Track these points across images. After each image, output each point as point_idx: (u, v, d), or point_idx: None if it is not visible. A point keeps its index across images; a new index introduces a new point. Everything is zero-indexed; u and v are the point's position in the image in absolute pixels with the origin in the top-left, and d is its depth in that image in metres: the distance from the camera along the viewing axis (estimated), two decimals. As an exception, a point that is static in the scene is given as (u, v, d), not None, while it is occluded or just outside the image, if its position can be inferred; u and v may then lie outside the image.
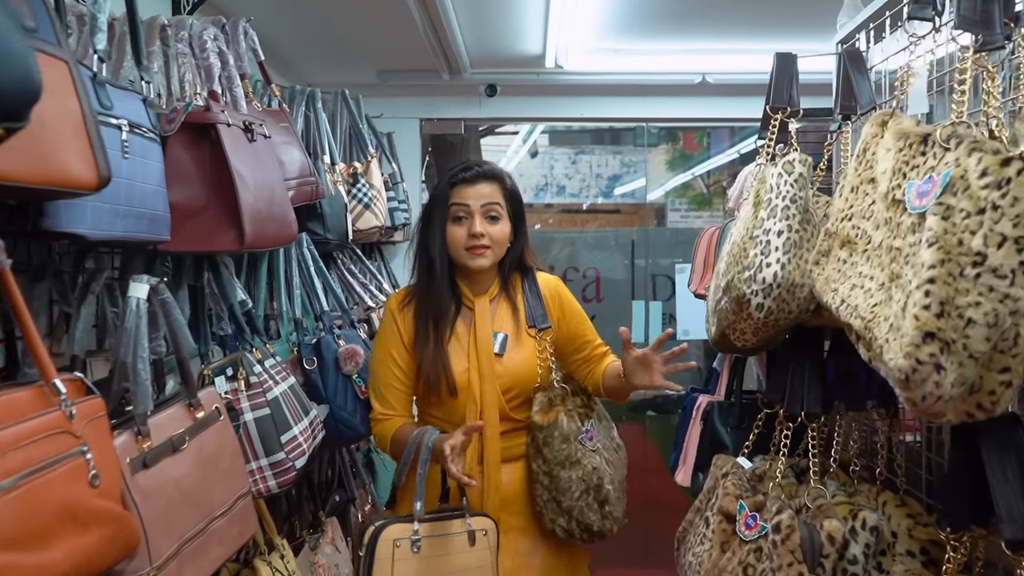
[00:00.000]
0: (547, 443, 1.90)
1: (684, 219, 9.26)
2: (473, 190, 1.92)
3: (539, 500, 1.95)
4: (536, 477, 1.94)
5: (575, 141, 10.92)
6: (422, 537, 1.69)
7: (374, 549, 1.67)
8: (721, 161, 7.98)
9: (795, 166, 1.57)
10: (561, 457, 1.90)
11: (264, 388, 1.57)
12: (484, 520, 1.79)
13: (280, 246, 1.73)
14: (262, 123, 1.68)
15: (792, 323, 1.58)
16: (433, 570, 1.70)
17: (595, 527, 1.93)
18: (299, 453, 1.60)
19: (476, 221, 1.90)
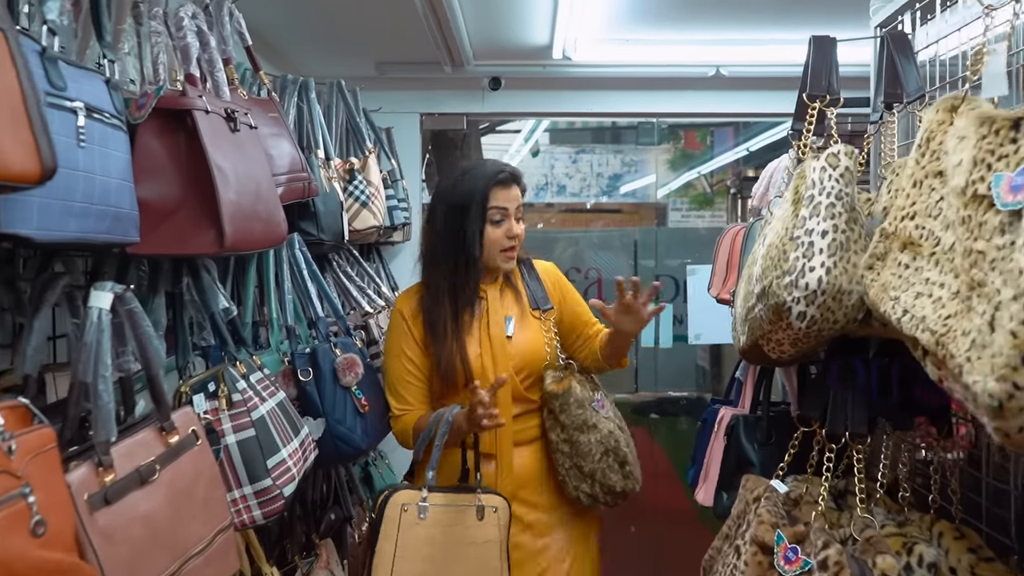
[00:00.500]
0: (564, 409, 2.00)
1: (685, 219, 9.14)
2: (510, 193, 2.01)
3: (560, 469, 2.04)
4: (556, 447, 2.03)
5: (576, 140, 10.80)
6: (430, 505, 1.78)
7: (383, 511, 1.76)
8: (725, 160, 7.84)
9: (840, 159, 1.41)
10: (579, 422, 2.00)
11: (249, 407, 1.41)
12: (495, 498, 1.85)
13: (268, 248, 1.57)
14: (247, 112, 1.52)
15: (836, 334, 1.42)
16: (439, 538, 1.77)
17: (618, 487, 2.04)
18: (288, 479, 1.44)
19: (514, 224, 2.01)
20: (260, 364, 1.63)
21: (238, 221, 1.30)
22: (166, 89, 1.25)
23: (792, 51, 3.05)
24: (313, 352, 1.81)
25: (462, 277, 1.99)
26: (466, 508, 1.81)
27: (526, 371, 2.04)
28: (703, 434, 2.32)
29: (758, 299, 1.51)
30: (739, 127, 7.31)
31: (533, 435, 2.07)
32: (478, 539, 1.80)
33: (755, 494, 1.66)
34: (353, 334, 2.06)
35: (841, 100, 1.63)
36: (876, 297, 1.23)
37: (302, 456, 1.54)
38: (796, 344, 1.47)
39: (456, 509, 1.80)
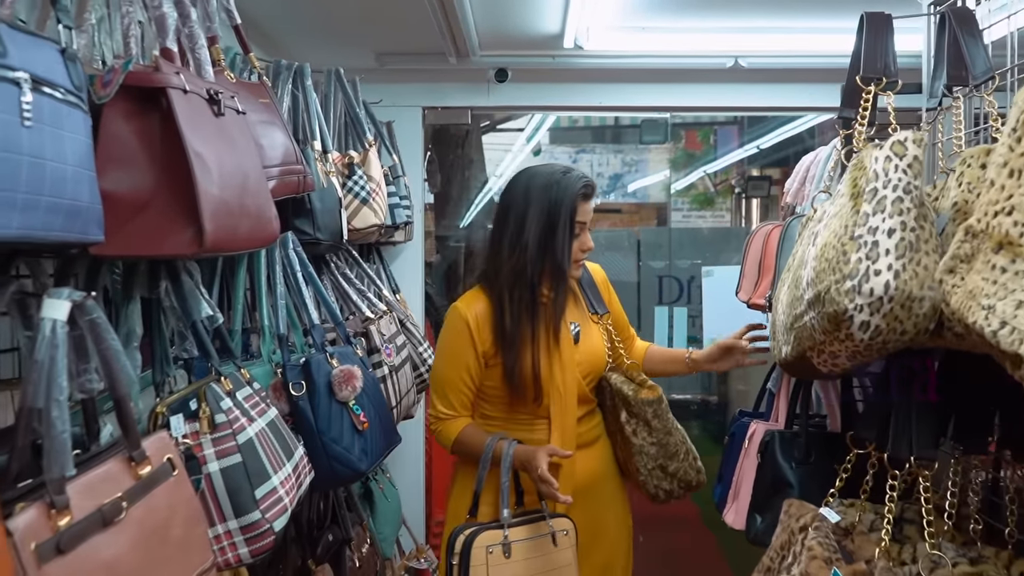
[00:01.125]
0: (658, 415, 2.09)
1: (687, 219, 9.00)
2: (590, 205, 2.05)
3: (643, 471, 2.11)
4: (640, 450, 2.10)
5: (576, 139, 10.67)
6: (511, 542, 1.83)
7: (468, 556, 1.80)
8: (730, 160, 7.70)
9: (908, 147, 1.24)
10: (669, 425, 2.11)
11: (235, 428, 1.24)
12: (563, 521, 1.92)
13: (257, 248, 1.40)
14: (234, 96, 1.34)
15: (901, 346, 1.25)
16: (524, 572, 1.83)
17: (693, 481, 2.16)
18: (279, 511, 1.26)
19: (587, 237, 2.06)
20: (249, 378, 1.45)
21: (221, 217, 1.12)
22: (136, 64, 1.08)
23: (816, 40, 2.90)
24: (307, 363, 1.63)
25: (547, 292, 2.03)
26: (542, 537, 1.88)
27: (591, 375, 2.12)
28: (731, 449, 2.15)
29: (810, 306, 1.34)
30: (743, 126, 7.16)
31: (595, 435, 2.16)
32: (558, 564, 1.88)
33: (801, 522, 1.49)
34: (353, 342, 1.89)
35: (899, 83, 1.46)
36: (961, 306, 1.06)
37: (296, 483, 1.37)
38: (854, 357, 1.30)
39: (535, 541, 1.87)
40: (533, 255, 1.97)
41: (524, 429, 2.05)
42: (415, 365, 2.37)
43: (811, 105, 3.28)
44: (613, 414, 2.14)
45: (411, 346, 2.35)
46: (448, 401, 2.05)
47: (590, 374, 2.11)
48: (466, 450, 2.03)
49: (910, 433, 1.32)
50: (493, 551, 1.81)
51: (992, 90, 1.38)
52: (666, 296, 5.18)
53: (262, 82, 1.63)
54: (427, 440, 3.61)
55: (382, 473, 2.61)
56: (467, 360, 2.01)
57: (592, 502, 2.10)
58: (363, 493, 2.47)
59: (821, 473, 1.73)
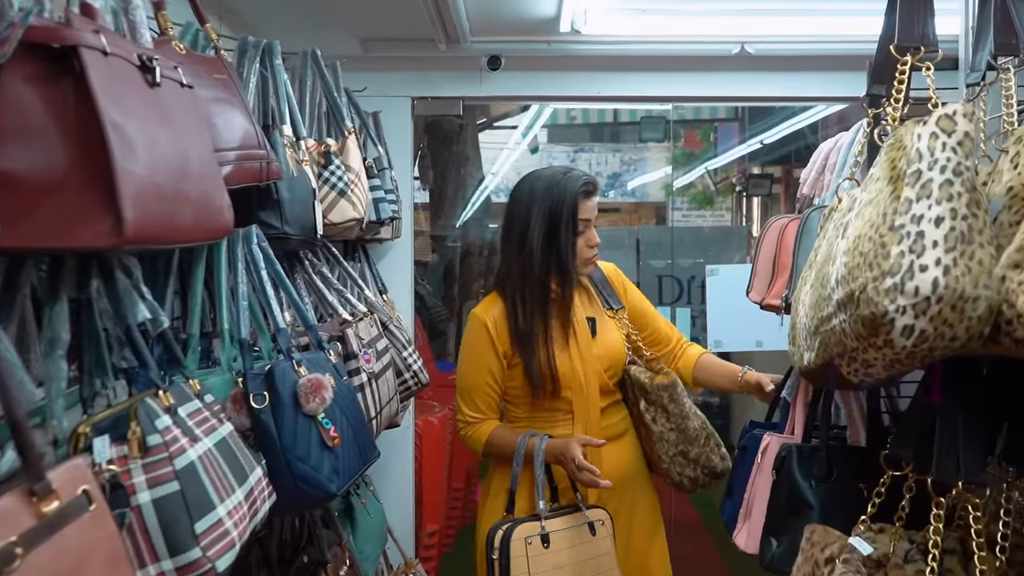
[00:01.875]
0: (674, 399, 2.10)
1: (686, 218, 8.86)
2: (593, 202, 2.10)
3: (665, 458, 2.13)
4: (661, 437, 2.12)
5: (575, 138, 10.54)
6: (549, 532, 1.89)
7: (508, 549, 1.86)
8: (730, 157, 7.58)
9: (957, 122, 1.06)
10: (686, 410, 2.12)
11: (172, 451, 1.06)
12: (599, 511, 2.00)
13: (205, 241, 1.22)
14: (178, 66, 1.16)
15: (950, 354, 1.07)
16: (565, 561, 1.89)
17: (718, 468, 2.15)
18: (224, 547, 1.08)
19: (594, 233, 2.10)
20: (200, 390, 1.27)
21: (148, 203, 0.94)
22: (39, 18, 0.90)
23: (829, 23, 2.72)
24: (270, 372, 1.45)
25: (555, 290, 2.09)
26: (579, 527, 1.94)
27: (611, 370, 2.16)
28: (742, 462, 1.97)
29: (840, 308, 1.17)
30: (744, 123, 7.00)
31: (622, 429, 2.20)
32: (597, 552, 1.94)
33: (827, 553, 1.32)
34: (327, 347, 1.71)
35: (940, 54, 1.29)
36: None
37: (248, 511, 1.19)
38: (892, 367, 1.12)
39: (573, 530, 1.94)
40: (539, 255, 2.04)
41: (547, 425, 2.12)
42: (399, 371, 2.19)
43: (824, 95, 3.10)
44: (634, 404, 2.20)
45: (394, 351, 2.17)
46: (475, 405, 2.13)
47: (611, 367, 2.16)
48: (497, 451, 2.11)
49: (957, 453, 1.14)
50: (532, 542, 1.88)
51: (1048, 59, 1.21)
52: (667, 296, 5.02)
53: (219, 56, 1.45)
54: (416, 448, 3.44)
55: (365, 486, 2.43)
56: (489, 363, 2.10)
57: (622, 496, 2.14)
58: (344, 509, 2.29)
59: (844, 492, 1.56)
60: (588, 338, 2.13)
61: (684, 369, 2.28)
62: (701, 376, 2.27)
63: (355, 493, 2.33)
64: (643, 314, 2.31)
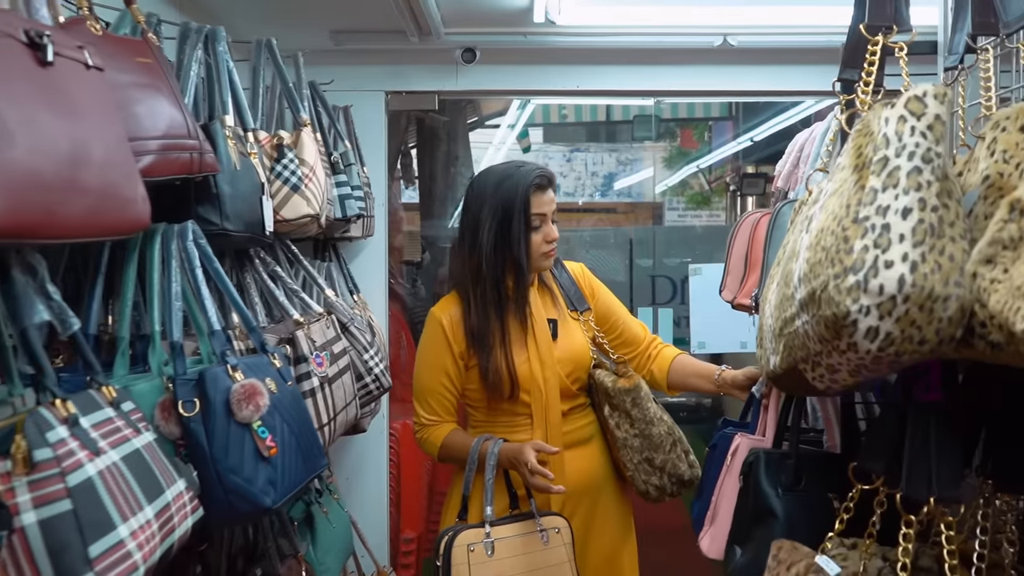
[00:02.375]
0: (637, 404, 2.00)
1: (683, 218, 8.78)
2: (548, 196, 2.01)
3: (629, 465, 2.04)
4: (625, 443, 2.03)
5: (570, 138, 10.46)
6: (495, 539, 1.80)
7: (449, 556, 1.77)
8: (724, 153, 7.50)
9: (928, 104, 0.97)
10: (650, 415, 2.01)
11: (65, 467, 0.96)
12: (555, 519, 1.90)
13: (110, 236, 1.12)
14: (84, 46, 1.07)
15: (920, 358, 0.98)
16: (510, 570, 1.79)
17: (686, 476, 2.04)
18: (125, 570, 0.98)
19: (552, 228, 2.02)
20: (115, 397, 1.18)
21: (26, 192, 0.85)
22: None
23: (814, 13, 2.62)
24: (201, 377, 1.36)
25: (511, 288, 2.01)
26: (530, 535, 1.85)
27: (573, 374, 2.07)
28: (712, 462, 1.88)
29: (802, 308, 1.07)
30: (738, 121, 6.91)
31: (587, 435, 2.11)
32: (550, 562, 1.84)
33: (793, 572, 1.22)
34: (272, 350, 1.62)
35: (914, 33, 1.19)
36: (1004, 307, 0.79)
37: (160, 530, 1.09)
38: (858, 372, 1.03)
39: (522, 538, 1.84)
40: (490, 254, 1.97)
41: (507, 429, 2.04)
42: (359, 375, 2.09)
43: (809, 89, 3.00)
44: (600, 409, 2.12)
45: (354, 353, 2.08)
46: (430, 407, 2.06)
47: (573, 371, 2.08)
48: (453, 455, 2.03)
49: (929, 467, 1.05)
50: (475, 549, 1.79)
51: (1028, 39, 1.11)
52: (660, 296, 4.94)
53: (145, 39, 1.36)
54: (393, 453, 3.35)
55: (328, 494, 2.33)
56: (445, 364, 2.03)
57: (586, 502, 2.06)
58: (304, 518, 2.19)
59: (812, 502, 1.46)
60: (548, 340, 2.05)
61: (658, 372, 2.18)
62: (676, 379, 2.15)
63: (316, 502, 2.23)
64: (612, 315, 2.21)
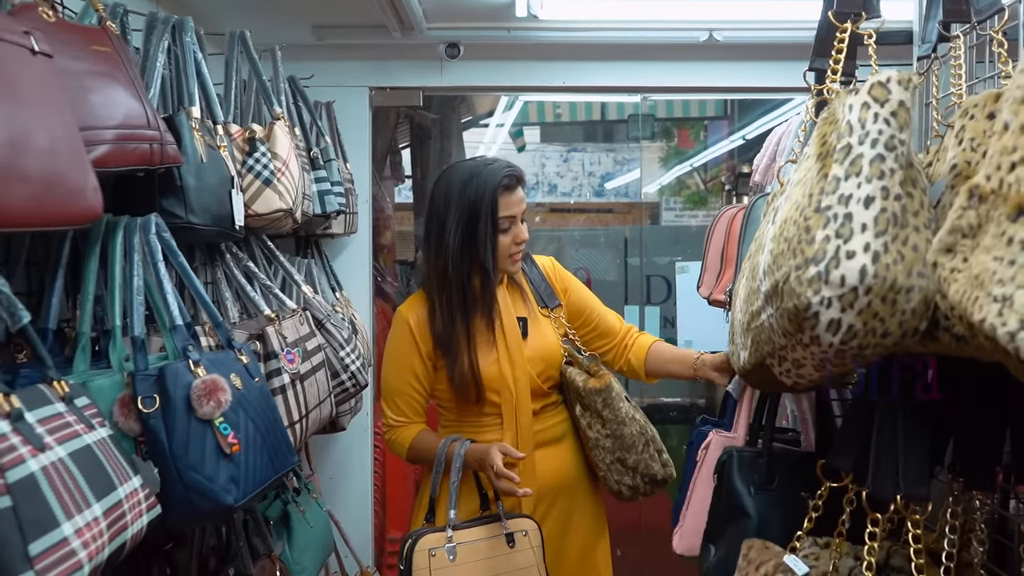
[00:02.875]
0: (608, 404, 1.94)
1: (679, 218, 8.75)
2: (517, 196, 1.92)
3: (602, 465, 1.99)
4: (596, 443, 1.98)
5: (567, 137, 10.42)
6: (457, 544, 1.75)
7: (411, 561, 1.72)
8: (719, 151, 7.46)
9: (891, 90, 0.94)
10: (622, 415, 1.94)
11: (5, 462, 0.93)
12: (523, 521, 1.84)
13: (59, 226, 1.10)
14: (30, 32, 1.04)
15: (883, 352, 0.96)
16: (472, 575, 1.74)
17: (659, 476, 1.97)
18: (68, 569, 0.96)
19: (521, 229, 1.93)
20: (67, 392, 1.15)
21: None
22: None
23: (800, 7, 2.60)
24: (161, 373, 1.33)
25: (477, 291, 1.93)
26: (496, 538, 1.79)
27: (545, 372, 2.00)
28: (689, 461, 1.86)
29: (767, 301, 1.05)
30: (733, 120, 6.88)
31: (559, 433, 2.04)
32: (517, 565, 1.79)
33: (762, 572, 1.20)
34: (239, 346, 1.59)
35: (883, 19, 1.17)
36: (963, 297, 0.76)
37: (109, 528, 1.07)
38: (823, 367, 1.01)
39: (486, 542, 1.78)
40: (456, 256, 1.89)
41: (476, 430, 1.98)
42: (334, 372, 2.06)
43: (797, 85, 2.96)
44: (571, 408, 2.06)
45: (330, 350, 2.05)
46: (398, 408, 1.99)
47: (544, 369, 2.00)
48: (421, 456, 1.96)
49: (896, 465, 1.02)
50: (436, 554, 1.73)
51: (1002, 26, 1.09)
52: (654, 296, 4.92)
53: (103, 27, 1.33)
54: (379, 452, 3.32)
55: (307, 493, 2.31)
56: (412, 364, 1.96)
57: (561, 502, 1.99)
58: (280, 517, 2.17)
59: (785, 501, 1.44)
60: (518, 339, 1.97)
61: (635, 361, 2.08)
62: (653, 366, 2.06)
63: (293, 501, 2.20)
64: (585, 308, 2.11)
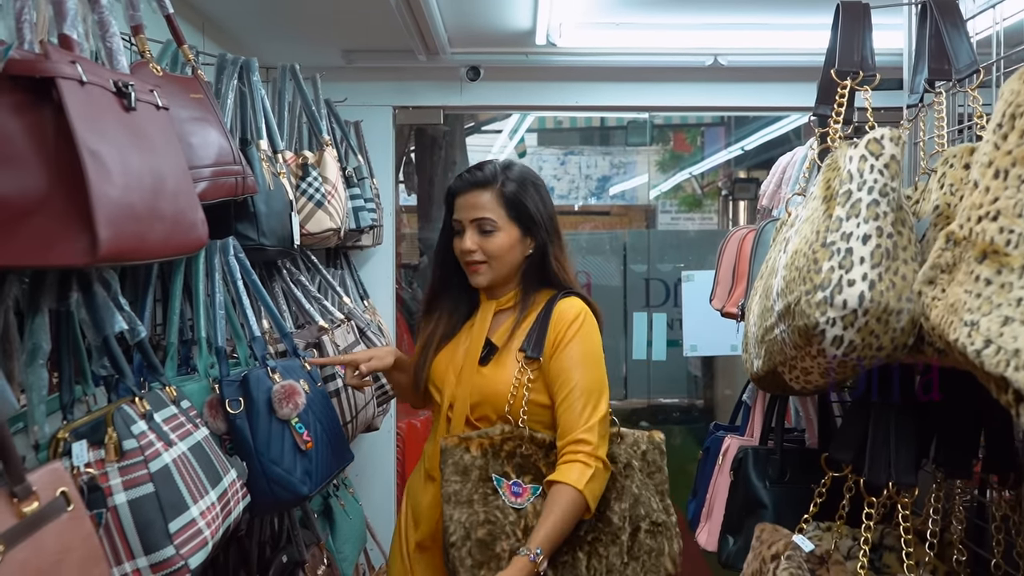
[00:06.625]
0: (441, 470, 1.59)
1: (675, 221, 8.94)
2: (464, 200, 1.74)
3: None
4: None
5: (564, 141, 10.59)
6: None
7: None
8: (716, 161, 7.65)
9: (884, 146, 1.14)
10: (450, 490, 1.57)
11: (147, 455, 1.12)
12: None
13: (179, 255, 1.29)
14: (154, 89, 1.23)
15: (878, 363, 1.15)
16: None
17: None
18: (197, 545, 1.15)
19: (467, 236, 1.73)
20: (176, 396, 1.34)
21: (122, 223, 1.01)
22: (25, 51, 0.96)
23: (797, 37, 2.80)
24: (245, 378, 1.52)
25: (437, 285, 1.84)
26: None
27: (482, 409, 1.69)
28: (705, 464, 2.05)
29: (780, 319, 1.24)
30: (730, 127, 7.09)
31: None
32: None
33: (773, 550, 1.39)
34: (302, 354, 1.78)
35: (877, 78, 1.36)
36: (941, 321, 0.96)
37: (221, 512, 1.26)
38: (827, 374, 1.20)
39: None
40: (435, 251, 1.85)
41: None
42: (375, 376, 2.25)
43: (793, 105, 3.18)
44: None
45: (371, 356, 2.24)
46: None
47: (480, 404, 1.68)
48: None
49: (888, 456, 1.22)
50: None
51: (977, 85, 1.28)
52: (653, 299, 5.10)
53: (196, 76, 1.52)
54: (399, 452, 3.50)
55: (344, 488, 2.49)
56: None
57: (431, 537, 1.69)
58: (323, 510, 2.35)
59: (797, 493, 1.64)
60: (475, 359, 1.71)
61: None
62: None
63: (334, 495, 2.39)
64: (553, 385, 1.66)
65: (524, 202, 1.72)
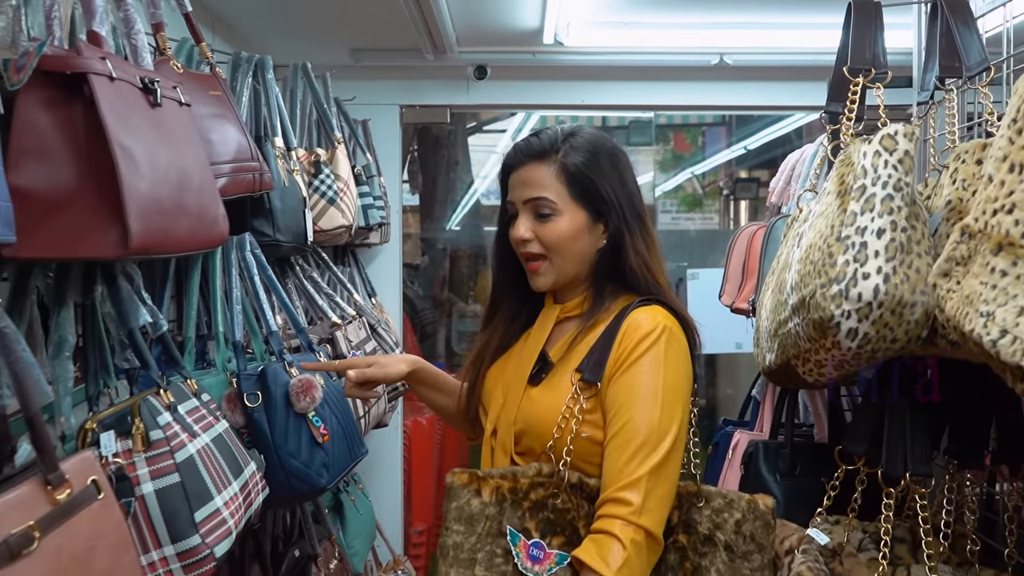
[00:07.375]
0: (444, 514, 1.26)
1: (676, 221, 8.94)
2: (518, 176, 1.38)
3: None
4: None
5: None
6: None
7: None
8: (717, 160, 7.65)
9: (899, 141, 1.15)
10: (448, 542, 1.23)
11: (173, 446, 1.14)
12: None
13: (202, 250, 1.30)
14: (177, 86, 1.25)
15: (892, 355, 1.17)
16: None
17: None
18: (222, 534, 1.17)
19: (520, 221, 1.37)
20: (197, 389, 1.36)
21: (151, 217, 1.03)
22: (57, 47, 0.98)
23: (803, 36, 2.82)
24: (263, 372, 1.54)
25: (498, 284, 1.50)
26: None
27: (526, 438, 1.34)
28: (715, 459, 2.06)
29: (794, 312, 1.26)
30: (731, 127, 7.09)
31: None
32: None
33: (787, 545, 1.40)
34: (316, 349, 1.80)
35: (889, 75, 1.38)
36: (957, 312, 0.98)
37: (243, 503, 1.27)
38: (841, 367, 1.22)
39: None
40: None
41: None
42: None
43: (798, 104, 3.20)
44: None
45: (382, 353, 2.26)
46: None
47: (524, 433, 1.34)
48: None
49: (904, 447, 1.24)
50: None
51: (987, 82, 1.30)
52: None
53: (214, 73, 1.54)
54: (405, 449, 3.52)
55: (354, 483, 2.51)
56: None
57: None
58: (333, 505, 2.37)
59: (807, 487, 1.65)
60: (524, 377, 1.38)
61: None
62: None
63: (344, 490, 2.41)
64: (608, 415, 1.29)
65: (592, 177, 1.34)
